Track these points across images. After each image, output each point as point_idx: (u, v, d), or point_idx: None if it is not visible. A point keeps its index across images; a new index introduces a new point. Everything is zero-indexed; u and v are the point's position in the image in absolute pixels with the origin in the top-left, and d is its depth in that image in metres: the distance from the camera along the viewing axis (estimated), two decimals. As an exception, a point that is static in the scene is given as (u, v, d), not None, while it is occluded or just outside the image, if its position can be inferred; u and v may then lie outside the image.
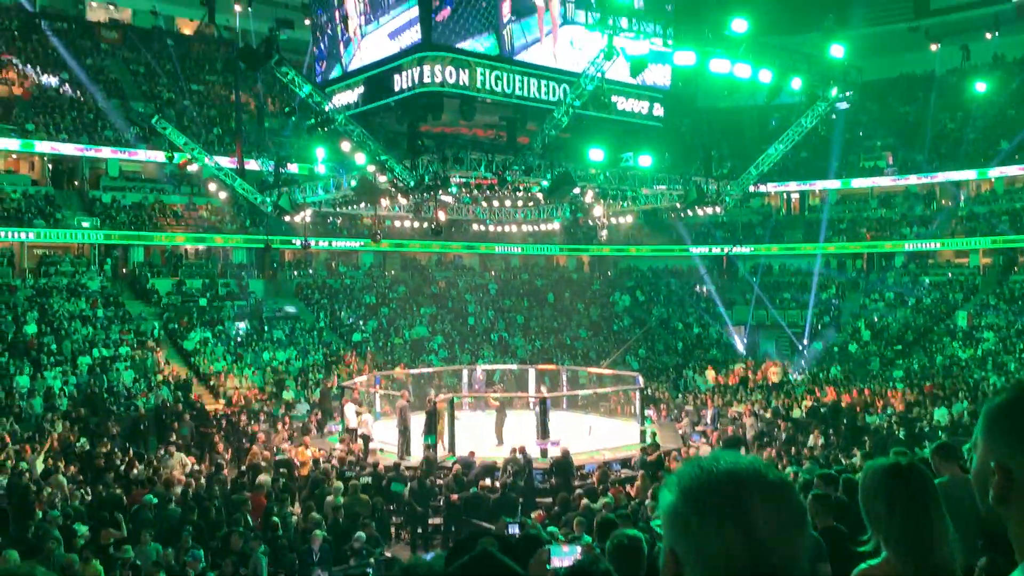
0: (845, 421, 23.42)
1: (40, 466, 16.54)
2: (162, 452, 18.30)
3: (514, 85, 20.92)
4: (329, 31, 22.94)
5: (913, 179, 40.93)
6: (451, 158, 19.91)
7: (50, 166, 34.47)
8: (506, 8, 20.51)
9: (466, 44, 20.02)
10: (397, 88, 20.60)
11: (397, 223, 30.68)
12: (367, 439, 19.54)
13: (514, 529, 8.38)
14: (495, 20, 20.41)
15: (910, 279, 39.10)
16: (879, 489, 2.35)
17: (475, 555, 2.09)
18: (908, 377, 30.99)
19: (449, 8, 19.68)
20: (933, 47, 44.03)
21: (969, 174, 39.34)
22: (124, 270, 34.05)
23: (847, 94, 22.74)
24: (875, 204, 42.17)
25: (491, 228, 32.77)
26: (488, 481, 15.56)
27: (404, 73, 20.32)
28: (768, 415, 23.98)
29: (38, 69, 35.43)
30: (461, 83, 19.98)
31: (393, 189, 21.28)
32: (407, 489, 15.64)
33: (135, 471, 17.05)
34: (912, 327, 35.77)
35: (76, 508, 13.53)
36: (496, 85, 20.58)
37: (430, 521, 15.57)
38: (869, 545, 2.36)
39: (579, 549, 6.03)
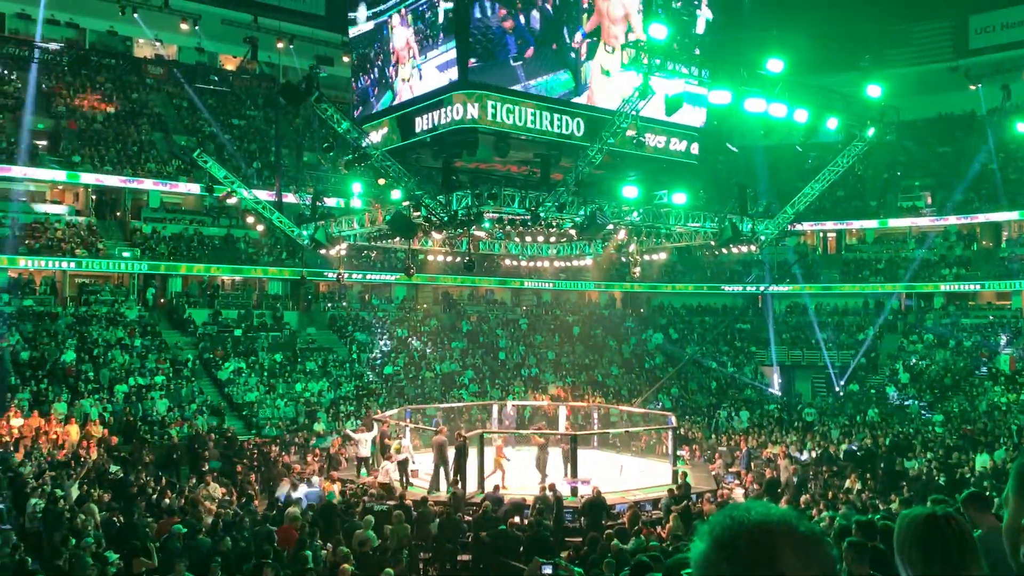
0: (883, 465, 22.92)
1: (75, 492, 16.71)
2: (194, 481, 18.41)
3: (549, 122, 21.08)
4: (379, 63, 23.31)
5: (952, 219, 40.40)
6: (485, 194, 20.03)
7: (93, 197, 35.31)
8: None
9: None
10: (433, 124, 20.87)
11: (431, 257, 30.88)
12: (405, 464, 19.59)
13: (548, 570, 8.29)
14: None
15: (950, 321, 38.41)
16: (916, 538, 2.30)
17: None
18: (948, 421, 30.32)
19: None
20: (973, 87, 43.66)
21: (1011, 215, 38.78)
22: (162, 300, 34.62)
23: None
24: (913, 244, 41.65)
25: (523, 264, 32.85)
26: (517, 519, 15.42)
27: (440, 110, 20.60)
28: (804, 457, 23.54)
29: (85, 103, 36.51)
30: (496, 120, 20.19)
31: (427, 224, 21.48)
32: (435, 523, 15.55)
33: (167, 500, 17.18)
34: (952, 370, 35.06)
35: (108, 536, 13.61)
36: (531, 122, 20.76)
37: (459, 558, 15.43)
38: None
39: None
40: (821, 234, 44.52)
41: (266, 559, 12.46)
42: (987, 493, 5.67)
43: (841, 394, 36.27)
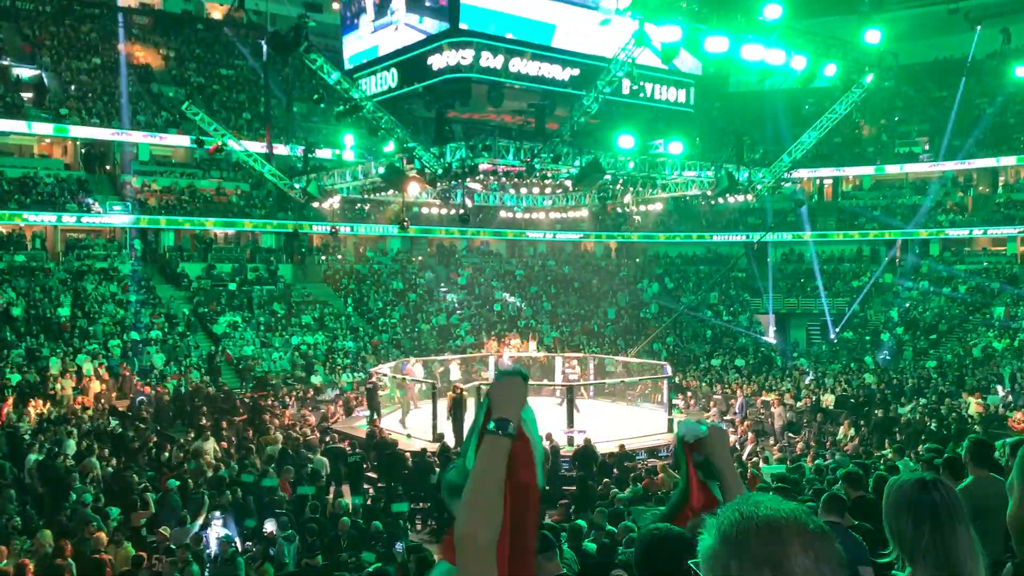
0: (876, 412, 23.07)
1: (72, 448, 16.77)
2: (192, 436, 18.46)
3: (543, 71, 20.75)
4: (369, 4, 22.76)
5: (950, 165, 40.12)
6: (479, 145, 19.80)
7: (82, 150, 34.86)
8: None
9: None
10: (425, 73, 20.52)
11: (425, 210, 30.69)
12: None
13: None
14: None
15: (945, 267, 38.42)
16: (905, 505, 2.27)
17: None
18: (941, 367, 30.51)
19: None
20: (972, 30, 42.97)
21: (1008, 160, 38.53)
22: (155, 254, 34.40)
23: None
24: (909, 191, 41.45)
25: (519, 215, 32.67)
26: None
27: (432, 58, 20.24)
28: (798, 405, 23.70)
29: (71, 54, 35.82)
30: (489, 68, 19.85)
31: (421, 176, 21.27)
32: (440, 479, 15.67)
33: (165, 454, 17.27)
34: (946, 316, 35.19)
35: (108, 491, 13.69)
36: (524, 71, 20.42)
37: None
38: (891, 556, 2.30)
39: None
40: (817, 181, 44.21)
41: (265, 511, 12.60)
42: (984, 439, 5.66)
43: (836, 342, 36.43)
